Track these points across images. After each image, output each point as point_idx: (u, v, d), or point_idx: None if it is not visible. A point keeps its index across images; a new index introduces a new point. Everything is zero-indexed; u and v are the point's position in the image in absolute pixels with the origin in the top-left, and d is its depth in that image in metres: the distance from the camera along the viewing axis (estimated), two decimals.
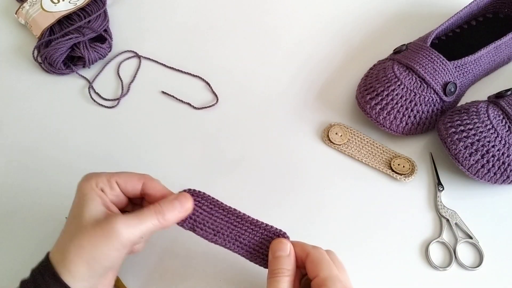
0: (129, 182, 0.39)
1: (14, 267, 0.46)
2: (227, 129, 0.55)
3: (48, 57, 0.58)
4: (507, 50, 0.56)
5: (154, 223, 0.37)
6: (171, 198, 0.39)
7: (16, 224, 0.49)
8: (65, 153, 0.54)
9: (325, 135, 0.54)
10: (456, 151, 0.48)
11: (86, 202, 0.37)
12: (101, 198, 0.37)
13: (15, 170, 0.52)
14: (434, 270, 0.46)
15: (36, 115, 0.57)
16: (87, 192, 0.37)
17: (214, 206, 0.41)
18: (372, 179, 0.51)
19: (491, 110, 0.48)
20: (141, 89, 0.59)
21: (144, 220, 0.36)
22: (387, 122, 0.51)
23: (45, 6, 0.61)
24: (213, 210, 0.41)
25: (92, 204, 0.37)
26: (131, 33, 0.64)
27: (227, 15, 0.66)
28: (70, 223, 0.37)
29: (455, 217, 0.48)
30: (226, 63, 0.61)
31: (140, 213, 0.37)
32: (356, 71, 0.59)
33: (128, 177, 0.39)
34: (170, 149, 0.54)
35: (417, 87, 0.51)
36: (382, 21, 0.65)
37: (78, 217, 0.36)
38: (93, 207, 0.37)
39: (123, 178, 0.39)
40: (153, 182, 0.40)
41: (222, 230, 0.40)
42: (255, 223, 0.41)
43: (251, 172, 0.52)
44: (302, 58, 0.61)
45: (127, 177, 0.39)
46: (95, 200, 0.37)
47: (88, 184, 0.38)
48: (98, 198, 0.37)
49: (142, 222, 0.36)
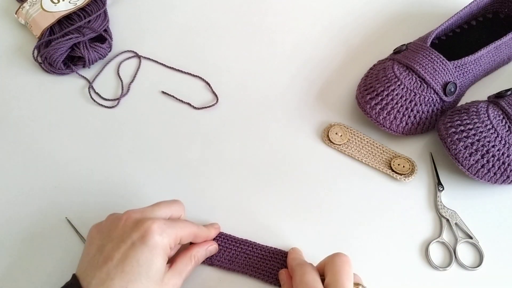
0: (188, 239, 0.43)
1: (16, 267, 0.46)
2: (227, 129, 0.55)
3: (48, 57, 0.58)
4: (507, 50, 0.56)
5: (191, 268, 0.43)
6: (203, 248, 0.44)
7: (16, 223, 0.49)
8: (65, 153, 0.54)
9: (325, 135, 0.54)
10: (456, 151, 0.48)
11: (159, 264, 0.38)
12: (167, 255, 0.40)
13: (15, 170, 0.52)
14: (434, 270, 0.46)
15: (36, 115, 0.57)
16: (161, 252, 0.39)
17: (227, 240, 0.47)
18: (372, 179, 0.51)
19: (491, 110, 0.48)
20: (141, 89, 0.59)
21: (186, 268, 0.42)
22: (387, 122, 0.51)
23: (45, 6, 0.61)
24: (227, 244, 0.47)
25: (163, 266, 0.39)
26: (131, 33, 0.64)
27: (227, 15, 0.66)
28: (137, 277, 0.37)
29: (455, 217, 0.48)
30: (226, 63, 0.61)
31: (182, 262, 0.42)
32: (356, 71, 0.59)
33: (189, 234, 0.42)
34: (170, 149, 0.54)
35: (417, 87, 0.51)
36: (382, 21, 0.65)
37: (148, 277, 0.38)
38: (163, 269, 0.39)
39: (185, 236, 0.42)
40: (202, 231, 0.44)
41: (236, 259, 0.46)
42: (265, 249, 0.46)
43: (251, 172, 0.52)
44: (302, 58, 0.61)
45: (188, 235, 0.42)
46: (165, 262, 0.39)
47: (164, 242, 0.39)
48: (166, 256, 0.40)
49: (185, 270, 0.42)
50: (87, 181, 0.51)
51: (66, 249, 0.47)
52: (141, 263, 0.37)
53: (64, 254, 0.47)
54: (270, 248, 0.46)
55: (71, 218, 0.49)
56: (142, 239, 0.38)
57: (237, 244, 0.47)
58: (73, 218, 0.49)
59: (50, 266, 0.46)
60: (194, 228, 0.43)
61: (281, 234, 0.48)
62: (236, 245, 0.46)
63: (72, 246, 0.47)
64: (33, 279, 0.45)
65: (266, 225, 0.48)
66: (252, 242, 0.47)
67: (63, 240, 0.47)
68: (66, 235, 0.48)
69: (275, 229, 0.48)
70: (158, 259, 0.38)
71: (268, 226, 0.48)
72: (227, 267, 0.46)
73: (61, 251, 0.47)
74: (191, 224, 0.43)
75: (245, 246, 0.46)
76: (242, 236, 0.47)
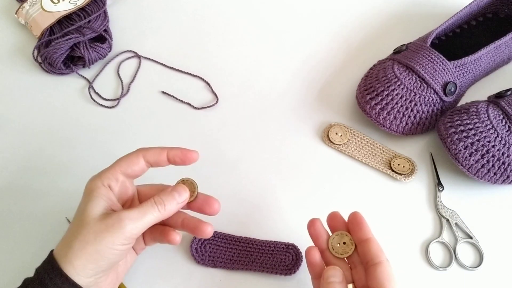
0: (130, 166, 0.40)
1: (16, 267, 0.46)
2: (227, 129, 0.55)
3: (48, 57, 0.58)
4: (507, 50, 0.56)
5: (156, 214, 0.38)
6: (169, 189, 0.40)
7: (16, 223, 0.49)
8: (65, 153, 0.54)
9: (325, 135, 0.54)
10: (456, 151, 0.48)
11: (91, 199, 0.38)
12: (107, 196, 0.38)
13: (15, 170, 0.52)
14: (434, 270, 0.46)
15: (36, 115, 0.57)
16: (93, 190, 0.38)
17: (226, 240, 0.47)
18: (372, 179, 0.51)
19: (491, 110, 0.48)
20: (141, 89, 0.59)
21: (146, 213, 0.37)
22: (387, 122, 0.51)
23: (45, 6, 0.61)
24: (227, 243, 0.47)
25: (97, 200, 0.38)
26: (131, 33, 0.64)
27: (227, 15, 0.66)
28: (74, 220, 0.38)
29: (455, 217, 0.48)
30: (226, 63, 0.61)
31: (141, 206, 0.38)
32: (356, 71, 0.59)
33: (128, 162, 0.40)
34: None
35: (417, 87, 0.51)
36: (382, 21, 0.65)
37: (82, 214, 0.37)
38: (98, 203, 0.37)
39: (124, 166, 0.40)
40: (149, 151, 0.41)
41: (238, 258, 0.46)
42: (265, 243, 0.46)
43: (251, 172, 0.52)
44: (302, 58, 0.61)
45: (128, 164, 0.40)
46: (100, 198, 0.38)
47: (94, 183, 0.39)
48: (104, 195, 0.38)
49: (145, 215, 0.37)
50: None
51: None
52: (78, 210, 0.38)
53: None
54: (270, 242, 0.47)
55: (71, 219, 0.49)
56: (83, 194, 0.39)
57: (237, 242, 0.47)
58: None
59: None
60: (133, 154, 0.40)
61: (281, 234, 0.48)
62: (236, 244, 0.47)
63: None
64: None
65: (266, 225, 0.48)
66: (252, 239, 0.47)
67: None
68: None
69: (275, 229, 0.48)
70: (85, 200, 0.38)
71: (268, 226, 0.48)
72: (230, 267, 0.46)
73: None
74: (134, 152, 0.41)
75: (245, 244, 0.47)
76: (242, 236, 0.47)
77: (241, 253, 0.46)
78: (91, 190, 0.38)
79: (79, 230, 0.36)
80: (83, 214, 0.37)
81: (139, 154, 0.41)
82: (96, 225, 0.36)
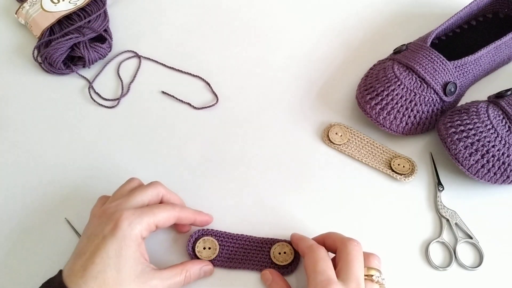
0: (166, 223, 0.42)
1: (13, 268, 0.46)
2: (227, 129, 0.55)
3: (48, 57, 0.58)
4: (507, 50, 0.56)
5: (180, 280, 0.42)
6: (198, 266, 0.44)
7: (15, 223, 0.49)
8: (65, 153, 0.54)
9: (325, 135, 0.54)
10: (456, 151, 0.48)
11: (129, 255, 0.38)
12: (141, 247, 0.40)
13: (15, 170, 0.52)
14: (434, 270, 0.46)
15: (36, 115, 0.57)
16: (131, 243, 0.39)
17: (224, 237, 0.47)
18: (372, 179, 0.51)
19: (491, 110, 0.48)
20: (141, 89, 0.59)
21: (174, 278, 0.41)
22: (387, 122, 0.51)
23: (45, 6, 0.61)
24: (224, 241, 0.47)
25: (135, 257, 0.39)
26: (131, 33, 0.64)
27: (227, 15, 0.66)
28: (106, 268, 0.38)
29: (455, 217, 0.48)
30: (226, 63, 0.61)
31: (172, 271, 0.41)
32: (356, 71, 0.59)
33: (167, 218, 0.42)
34: (170, 149, 0.54)
35: (417, 87, 0.51)
36: (382, 21, 0.65)
37: (119, 269, 0.38)
38: (135, 261, 0.39)
39: (162, 221, 0.41)
40: (184, 213, 0.44)
41: (236, 256, 0.46)
42: (263, 240, 0.47)
43: (251, 173, 0.52)
44: (302, 58, 0.61)
45: (166, 219, 0.42)
46: (138, 252, 0.39)
47: (133, 233, 0.39)
48: (139, 248, 0.40)
49: (172, 279, 0.41)
50: (87, 181, 0.51)
51: (65, 250, 0.47)
52: (111, 255, 0.38)
53: (63, 255, 0.46)
54: (267, 239, 0.47)
55: (71, 219, 0.49)
56: (111, 232, 0.39)
57: (234, 240, 0.47)
58: (73, 219, 0.49)
59: (49, 266, 0.46)
60: (171, 211, 0.42)
61: (281, 234, 0.48)
62: (234, 242, 0.47)
63: (72, 247, 0.46)
64: (32, 280, 0.45)
65: (266, 225, 0.48)
66: (249, 236, 0.47)
67: (63, 241, 0.47)
68: (65, 235, 0.48)
69: (275, 229, 0.48)
70: (127, 251, 0.38)
71: (268, 226, 0.48)
72: (228, 265, 0.46)
73: (61, 252, 0.47)
74: (169, 207, 0.43)
75: (243, 241, 0.47)
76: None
77: (239, 251, 0.46)
78: (128, 241, 0.39)
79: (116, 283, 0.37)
80: (120, 270, 0.38)
81: (176, 216, 0.43)
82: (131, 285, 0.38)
